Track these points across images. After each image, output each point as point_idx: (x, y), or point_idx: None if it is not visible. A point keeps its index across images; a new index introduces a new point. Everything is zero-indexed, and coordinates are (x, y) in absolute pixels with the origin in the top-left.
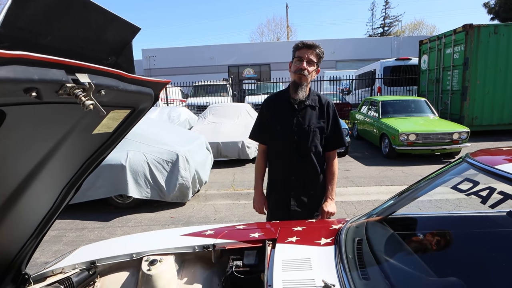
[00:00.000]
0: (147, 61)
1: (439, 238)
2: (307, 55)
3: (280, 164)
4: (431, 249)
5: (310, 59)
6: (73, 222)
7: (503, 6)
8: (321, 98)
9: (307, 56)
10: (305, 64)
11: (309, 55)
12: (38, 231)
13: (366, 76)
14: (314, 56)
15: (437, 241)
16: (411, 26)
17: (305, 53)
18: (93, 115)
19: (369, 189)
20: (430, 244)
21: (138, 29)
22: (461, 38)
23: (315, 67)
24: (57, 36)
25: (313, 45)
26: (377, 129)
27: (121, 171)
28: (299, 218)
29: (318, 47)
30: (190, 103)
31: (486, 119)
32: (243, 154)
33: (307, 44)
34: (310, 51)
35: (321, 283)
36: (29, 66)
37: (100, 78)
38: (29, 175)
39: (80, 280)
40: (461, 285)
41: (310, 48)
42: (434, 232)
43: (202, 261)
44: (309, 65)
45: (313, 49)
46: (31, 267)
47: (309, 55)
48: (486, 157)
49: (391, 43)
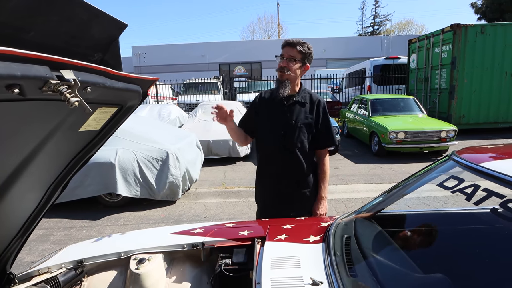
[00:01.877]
0: (137, 58)
1: (426, 235)
2: (287, 53)
3: (269, 159)
4: (418, 246)
5: (290, 56)
6: (61, 221)
7: (490, 6)
8: (312, 96)
9: (287, 53)
10: (285, 62)
11: (290, 53)
12: (24, 230)
13: (356, 74)
14: (296, 53)
15: (423, 238)
16: (401, 25)
17: (286, 51)
18: (79, 112)
19: (358, 186)
20: (417, 241)
21: (125, 25)
22: (449, 37)
23: (299, 64)
24: (40, 32)
25: (294, 43)
26: (367, 127)
27: (110, 169)
28: (288, 212)
29: (300, 44)
30: (180, 101)
31: (473, 117)
32: (234, 152)
33: (288, 42)
34: (291, 48)
35: (309, 280)
36: (11, 62)
37: (85, 74)
38: (13, 173)
39: (67, 280)
40: (446, 280)
41: (291, 45)
42: (421, 229)
43: (191, 260)
44: (290, 62)
45: (294, 46)
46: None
47: (289, 53)
48: (472, 154)
49: (381, 42)
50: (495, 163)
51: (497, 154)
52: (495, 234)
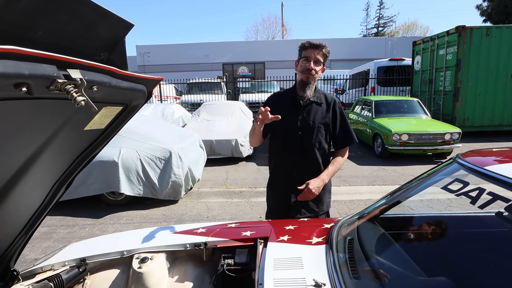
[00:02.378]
0: (141, 58)
1: (429, 238)
2: (314, 55)
3: (283, 160)
4: (421, 248)
5: (317, 59)
6: (64, 219)
7: (495, 9)
8: (327, 96)
9: (314, 55)
10: (312, 64)
11: (316, 55)
12: (28, 228)
13: (360, 76)
14: (321, 56)
15: (427, 241)
16: (405, 27)
17: (312, 53)
18: (85, 111)
19: (361, 188)
20: (420, 244)
21: (131, 25)
22: (453, 39)
23: (321, 66)
24: (48, 31)
25: (320, 45)
26: (370, 129)
27: (114, 168)
28: (300, 215)
29: (324, 47)
30: (184, 101)
31: (477, 120)
32: (237, 152)
33: (314, 44)
34: (317, 51)
35: (312, 282)
36: (20, 61)
37: (92, 74)
38: (18, 171)
39: (70, 277)
40: (450, 284)
41: (317, 48)
42: (424, 232)
43: (193, 259)
44: (316, 64)
45: (320, 49)
46: (20, 263)
47: (316, 55)
48: (476, 158)
49: (385, 43)
50: (500, 167)
51: (502, 157)
52: (499, 238)
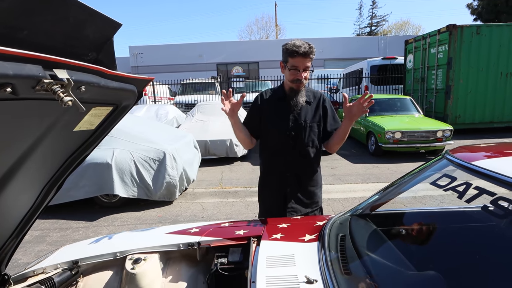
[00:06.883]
0: (134, 59)
1: (419, 233)
2: (303, 64)
3: (276, 160)
4: (412, 244)
5: (306, 67)
6: (57, 222)
7: (486, 7)
8: (314, 93)
9: (304, 64)
10: (302, 73)
11: (306, 63)
12: (18, 231)
13: (354, 74)
14: (309, 61)
15: (417, 236)
16: (398, 26)
17: (301, 62)
18: (73, 112)
19: (355, 186)
20: (411, 239)
21: (119, 24)
22: (445, 38)
23: (309, 69)
24: (34, 31)
25: (307, 52)
26: (364, 127)
27: (107, 170)
28: (296, 215)
29: (312, 51)
30: (178, 101)
31: (469, 117)
32: (231, 152)
33: (301, 53)
34: (307, 59)
35: (304, 278)
36: (4, 61)
37: (79, 74)
38: (6, 173)
39: (62, 280)
40: (439, 278)
41: (305, 56)
42: (414, 228)
43: (187, 259)
44: (305, 71)
45: (308, 56)
46: (12, 268)
47: (305, 63)
48: (464, 153)
49: (378, 42)
50: (486, 162)
51: (490, 153)
52: (486, 232)
